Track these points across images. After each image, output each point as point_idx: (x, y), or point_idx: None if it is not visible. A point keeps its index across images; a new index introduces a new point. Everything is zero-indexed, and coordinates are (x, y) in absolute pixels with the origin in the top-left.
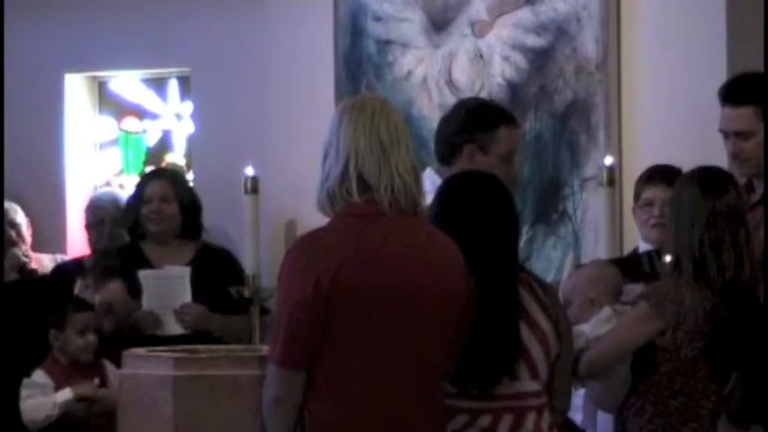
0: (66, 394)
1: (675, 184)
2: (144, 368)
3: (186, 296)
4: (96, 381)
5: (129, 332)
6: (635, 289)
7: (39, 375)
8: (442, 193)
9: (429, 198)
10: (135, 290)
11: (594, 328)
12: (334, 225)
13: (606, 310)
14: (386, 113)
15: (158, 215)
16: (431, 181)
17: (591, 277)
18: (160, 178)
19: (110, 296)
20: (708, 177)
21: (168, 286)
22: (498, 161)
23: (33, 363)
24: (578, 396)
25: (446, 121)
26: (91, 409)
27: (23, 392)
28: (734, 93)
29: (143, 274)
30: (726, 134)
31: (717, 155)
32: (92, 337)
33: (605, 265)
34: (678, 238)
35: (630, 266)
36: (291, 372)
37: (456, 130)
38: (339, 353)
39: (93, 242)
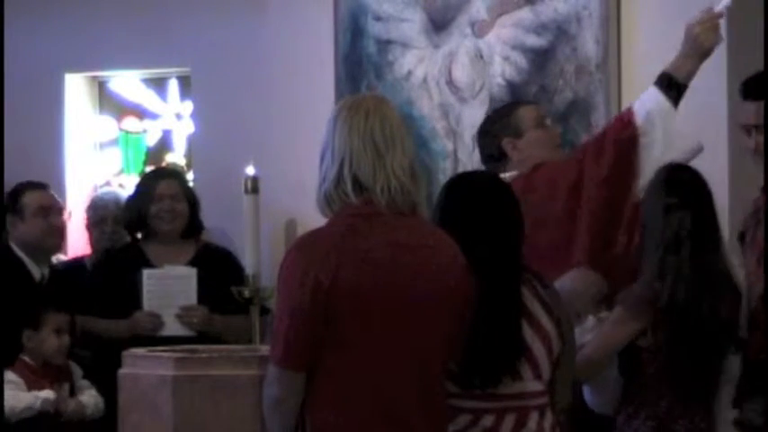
0: (48, 393)
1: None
2: (144, 368)
3: (191, 297)
4: (66, 387)
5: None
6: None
7: (9, 375)
8: (444, 194)
9: None
10: (135, 290)
11: (579, 337)
12: (332, 225)
13: (590, 320)
14: (380, 114)
15: (171, 214)
16: None
17: (574, 290)
18: (170, 177)
19: None
20: (677, 181)
21: (172, 286)
22: (535, 134)
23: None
24: None
25: (480, 139)
26: (59, 419)
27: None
28: (756, 86)
29: (147, 273)
30: (747, 129)
31: (716, 154)
32: (66, 339)
33: (587, 276)
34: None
35: None
36: (292, 372)
37: (490, 141)
38: (340, 353)
39: (94, 241)
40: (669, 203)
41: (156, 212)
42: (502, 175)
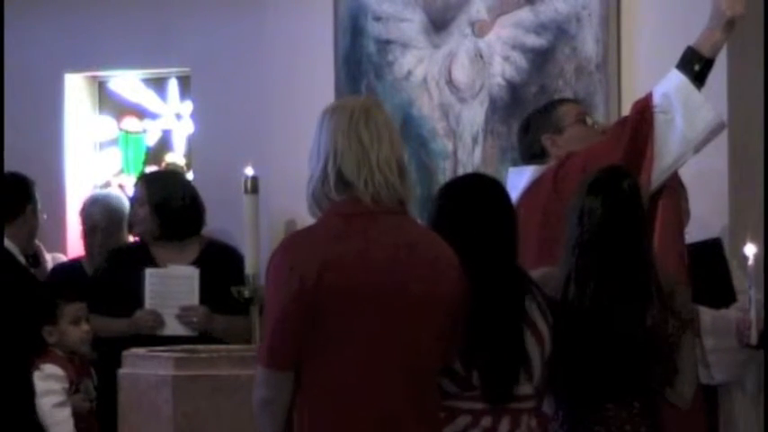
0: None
1: None
2: (144, 368)
3: (193, 297)
4: (91, 385)
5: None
6: None
7: (51, 368)
8: (438, 199)
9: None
10: (139, 289)
11: None
12: (318, 224)
13: None
14: (365, 112)
15: (133, 218)
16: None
17: (549, 274)
18: (140, 181)
19: None
20: (600, 176)
21: (174, 286)
22: (576, 130)
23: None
24: None
25: (520, 136)
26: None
27: (42, 385)
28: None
29: (149, 273)
30: None
31: (715, 154)
32: (86, 326)
33: (543, 280)
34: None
35: None
36: (279, 372)
37: (530, 138)
38: (327, 353)
39: (88, 246)
40: (585, 206)
41: (129, 217)
42: (530, 168)
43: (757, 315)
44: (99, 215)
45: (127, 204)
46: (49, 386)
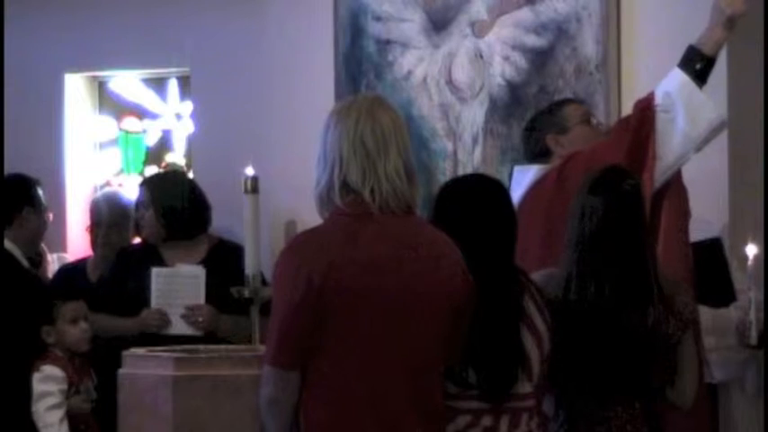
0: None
1: None
2: (144, 368)
3: (200, 297)
4: (91, 385)
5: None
6: None
7: (51, 369)
8: (438, 199)
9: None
10: (147, 289)
11: None
12: (326, 225)
13: None
14: (371, 117)
15: (140, 221)
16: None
17: (550, 274)
18: (143, 185)
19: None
20: (601, 175)
21: (180, 285)
22: (580, 130)
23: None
24: None
25: (524, 135)
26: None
27: (40, 387)
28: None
29: (156, 272)
30: None
31: (715, 154)
32: (84, 325)
33: (546, 280)
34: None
35: None
36: (285, 372)
37: (535, 138)
38: (332, 353)
39: (92, 244)
40: (586, 205)
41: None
42: (535, 167)
43: (757, 315)
44: (103, 210)
45: (133, 206)
46: (47, 388)
